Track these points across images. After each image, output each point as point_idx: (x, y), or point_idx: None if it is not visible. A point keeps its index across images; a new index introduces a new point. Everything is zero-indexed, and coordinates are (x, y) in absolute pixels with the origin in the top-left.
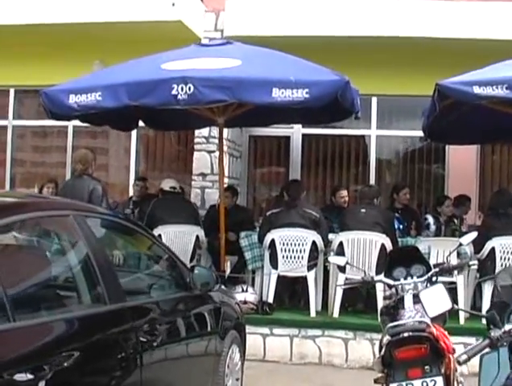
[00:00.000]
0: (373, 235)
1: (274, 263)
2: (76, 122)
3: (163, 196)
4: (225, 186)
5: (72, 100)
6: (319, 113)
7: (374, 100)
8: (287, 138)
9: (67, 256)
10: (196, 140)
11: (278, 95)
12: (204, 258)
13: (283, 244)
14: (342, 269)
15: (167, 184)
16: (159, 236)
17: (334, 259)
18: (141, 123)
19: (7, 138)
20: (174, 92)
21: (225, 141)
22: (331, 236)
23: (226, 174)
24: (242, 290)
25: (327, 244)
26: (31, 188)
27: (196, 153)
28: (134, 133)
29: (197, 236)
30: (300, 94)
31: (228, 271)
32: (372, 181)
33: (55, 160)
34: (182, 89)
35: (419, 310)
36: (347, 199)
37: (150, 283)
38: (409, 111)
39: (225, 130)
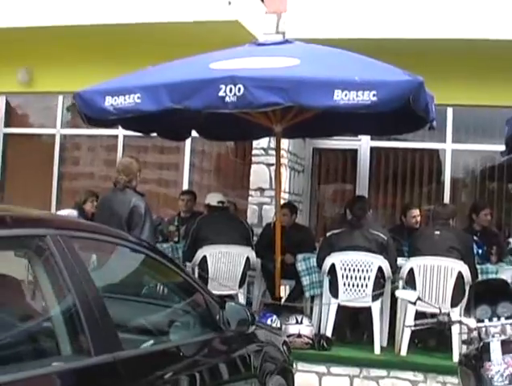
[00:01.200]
0: (448, 261)
1: (334, 291)
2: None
3: (210, 213)
4: (283, 202)
5: (109, 102)
6: (388, 123)
7: (450, 110)
8: (354, 152)
9: (37, 291)
10: (254, 152)
11: (341, 98)
12: (257, 282)
13: (345, 270)
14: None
15: (214, 198)
16: (204, 257)
17: (403, 293)
18: (194, 133)
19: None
20: (221, 93)
21: (285, 154)
22: (400, 260)
23: (287, 189)
24: (296, 322)
25: (395, 271)
26: None
27: (253, 166)
28: (188, 144)
29: (248, 258)
30: (367, 97)
31: (285, 297)
32: (446, 200)
33: (104, 173)
34: (230, 90)
35: (510, 364)
36: (419, 219)
37: (168, 323)
38: (488, 123)
39: (287, 142)
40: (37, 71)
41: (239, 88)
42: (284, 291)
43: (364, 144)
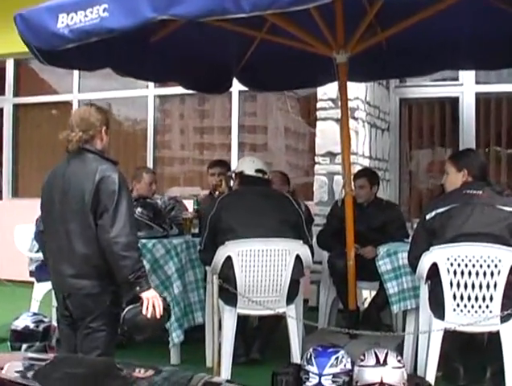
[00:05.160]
0: None
1: (437, 306)
2: None
3: (239, 189)
4: (359, 169)
5: (63, 22)
6: (507, 45)
7: None
8: (454, 101)
9: None
10: (320, 104)
11: None
12: (324, 287)
13: (455, 273)
14: None
15: (251, 165)
16: (228, 259)
17: None
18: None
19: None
20: None
21: (362, 105)
22: None
23: (367, 153)
24: (377, 361)
25: None
26: None
27: (319, 124)
28: (235, 98)
29: (298, 257)
30: None
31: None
32: None
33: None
34: None
35: None
36: None
37: None
38: None
39: (363, 89)
40: None
41: None
42: (361, 300)
43: (467, 89)
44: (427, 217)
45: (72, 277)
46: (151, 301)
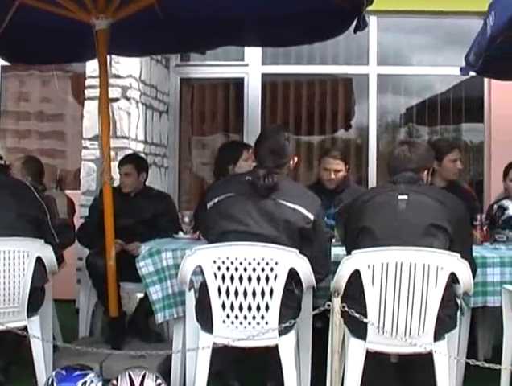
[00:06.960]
0: (430, 254)
1: (205, 318)
2: None
3: None
4: (125, 154)
5: None
6: (295, 21)
7: (373, 20)
8: (239, 82)
9: None
10: (88, 82)
11: None
12: (84, 289)
13: (223, 278)
14: (359, 332)
15: None
16: None
17: None
18: None
19: None
20: None
21: (136, 84)
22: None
23: (141, 137)
24: (132, 384)
25: (325, 275)
26: None
27: (88, 104)
28: None
29: (39, 259)
30: None
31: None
32: (372, 145)
33: None
34: None
35: None
36: (338, 175)
37: None
38: (432, 36)
39: (137, 66)
40: None
41: None
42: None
43: (252, 70)
44: (208, 207)
45: None
46: None
